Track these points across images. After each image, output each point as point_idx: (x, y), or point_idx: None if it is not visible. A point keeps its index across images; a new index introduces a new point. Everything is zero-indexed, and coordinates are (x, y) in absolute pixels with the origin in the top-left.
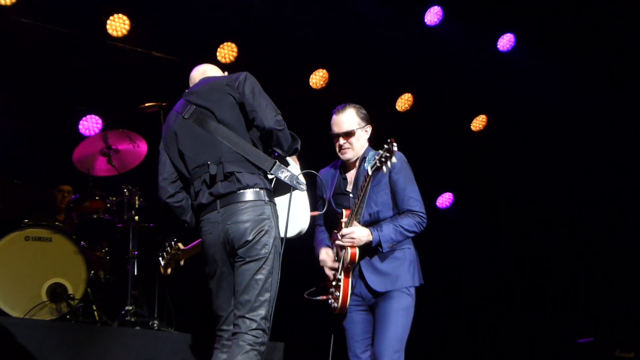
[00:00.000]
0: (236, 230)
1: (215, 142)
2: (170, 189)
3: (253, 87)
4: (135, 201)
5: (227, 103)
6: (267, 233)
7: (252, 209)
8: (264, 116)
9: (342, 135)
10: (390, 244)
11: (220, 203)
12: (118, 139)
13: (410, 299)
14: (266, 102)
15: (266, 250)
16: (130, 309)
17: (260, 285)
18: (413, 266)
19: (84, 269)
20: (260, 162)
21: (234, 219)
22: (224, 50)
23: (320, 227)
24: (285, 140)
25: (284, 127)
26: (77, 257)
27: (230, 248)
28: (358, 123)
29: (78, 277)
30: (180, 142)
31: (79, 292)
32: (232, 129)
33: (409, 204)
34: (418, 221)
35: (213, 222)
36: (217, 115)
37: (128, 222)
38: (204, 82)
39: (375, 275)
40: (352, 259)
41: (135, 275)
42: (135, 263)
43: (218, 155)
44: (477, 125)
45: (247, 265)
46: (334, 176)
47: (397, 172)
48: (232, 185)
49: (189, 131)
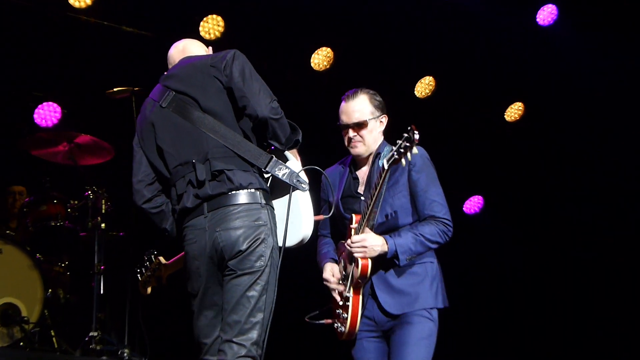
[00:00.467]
0: (227, 239)
1: (200, 135)
2: (146, 192)
3: (243, 68)
4: (101, 205)
5: (213, 88)
6: (264, 242)
7: (245, 214)
8: (257, 103)
9: (352, 127)
10: (408, 255)
11: (208, 206)
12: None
13: (432, 324)
14: (259, 86)
15: (262, 262)
16: (95, 334)
17: (252, 304)
18: (436, 284)
19: (39, 286)
20: (253, 158)
21: (225, 225)
22: (208, 24)
23: (325, 238)
24: (282, 131)
25: (281, 116)
26: (31, 272)
27: (218, 259)
28: (371, 112)
29: (33, 296)
30: (159, 136)
31: (34, 314)
32: (220, 118)
33: (431, 208)
34: (442, 230)
35: (199, 228)
36: (201, 103)
37: (93, 231)
38: (184, 63)
39: (389, 295)
40: (363, 272)
41: (102, 295)
42: (102, 280)
43: (204, 151)
44: (512, 114)
45: (239, 279)
46: (342, 175)
47: (418, 170)
48: (222, 185)
49: (169, 123)
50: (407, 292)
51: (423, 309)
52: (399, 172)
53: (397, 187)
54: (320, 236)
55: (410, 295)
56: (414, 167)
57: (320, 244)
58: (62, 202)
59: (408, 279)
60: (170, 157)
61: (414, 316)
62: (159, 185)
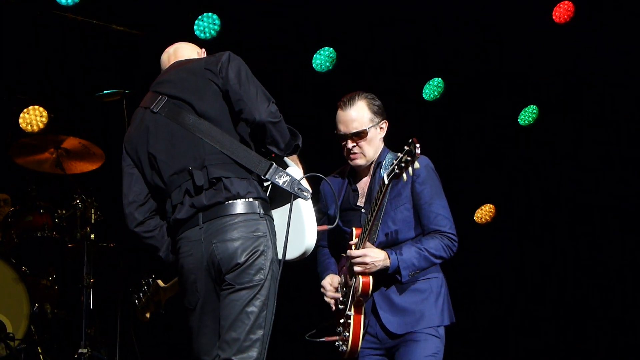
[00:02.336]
0: (224, 251)
1: (195, 141)
2: (138, 215)
3: (239, 70)
4: (90, 215)
5: (208, 91)
6: (263, 254)
7: (243, 224)
8: (254, 107)
9: (350, 137)
10: (411, 271)
11: (204, 217)
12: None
13: (439, 342)
14: (256, 88)
15: (261, 275)
16: (84, 351)
17: (252, 320)
18: (441, 300)
19: (25, 301)
20: (252, 165)
21: (222, 237)
22: (203, 23)
23: (324, 249)
24: (281, 135)
25: (280, 120)
26: (17, 286)
27: (216, 273)
28: (370, 119)
29: (18, 311)
30: (151, 144)
31: (20, 330)
32: (216, 123)
33: (436, 222)
34: (447, 244)
35: (194, 240)
36: (196, 107)
37: (82, 242)
38: (176, 67)
39: (392, 314)
40: (364, 290)
41: (91, 310)
42: (91, 293)
43: (200, 157)
44: (526, 118)
45: (237, 294)
46: (341, 187)
47: (422, 182)
48: (219, 194)
49: (162, 129)
50: (411, 311)
51: (429, 327)
52: (402, 184)
53: (400, 199)
54: (319, 247)
55: (415, 313)
56: (418, 179)
57: (321, 255)
58: (49, 211)
59: (412, 297)
60: (165, 165)
61: (420, 334)
62: (152, 205)
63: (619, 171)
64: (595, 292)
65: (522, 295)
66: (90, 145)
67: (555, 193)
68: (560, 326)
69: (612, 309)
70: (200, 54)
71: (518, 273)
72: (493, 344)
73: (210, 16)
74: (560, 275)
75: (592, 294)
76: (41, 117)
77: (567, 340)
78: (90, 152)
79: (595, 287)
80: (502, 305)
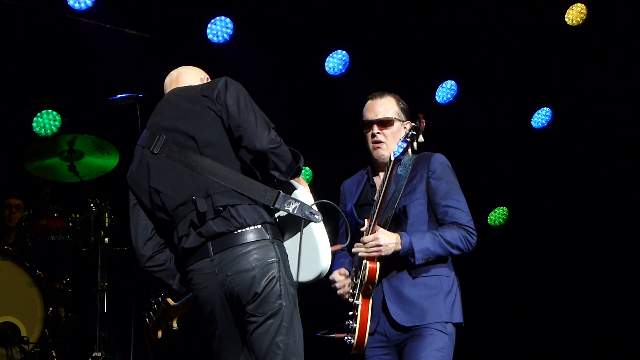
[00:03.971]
0: (241, 283)
1: (199, 175)
2: (146, 252)
3: (237, 97)
4: (104, 219)
5: (207, 118)
6: (279, 280)
7: (256, 253)
8: (254, 135)
9: (376, 123)
10: (425, 255)
11: (214, 247)
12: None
13: (447, 338)
14: (255, 115)
15: (281, 301)
16: (98, 355)
17: (283, 349)
18: (451, 298)
19: (40, 305)
20: (259, 197)
21: (236, 268)
22: (216, 27)
23: (341, 252)
24: (283, 160)
25: (280, 144)
26: (31, 290)
27: (235, 304)
28: (397, 113)
29: (33, 315)
30: (153, 179)
31: (34, 333)
32: (218, 152)
33: (452, 216)
34: (464, 235)
35: (207, 273)
36: (196, 137)
37: (96, 246)
38: (173, 94)
39: (399, 306)
40: (371, 275)
41: (105, 313)
42: (105, 297)
43: (205, 187)
44: (540, 120)
45: (263, 326)
46: (360, 183)
47: (438, 177)
48: (227, 223)
49: (163, 165)
50: (419, 305)
51: (436, 322)
52: (417, 179)
53: (414, 194)
54: None
55: (422, 307)
56: (433, 174)
57: (336, 257)
58: (63, 215)
59: (421, 291)
60: (168, 199)
61: (427, 329)
62: (159, 239)
63: (634, 173)
64: (609, 295)
65: (536, 299)
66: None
67: (569, 196)
68: (574, 330)
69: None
70: (203, 79)
71: (532, 276)
72: (505, 348)
73: (223, 20)
74: (575, 279)
75: (607, 297)
76: (54, 121)
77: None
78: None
79: (609, 291)
80: (516, 309)
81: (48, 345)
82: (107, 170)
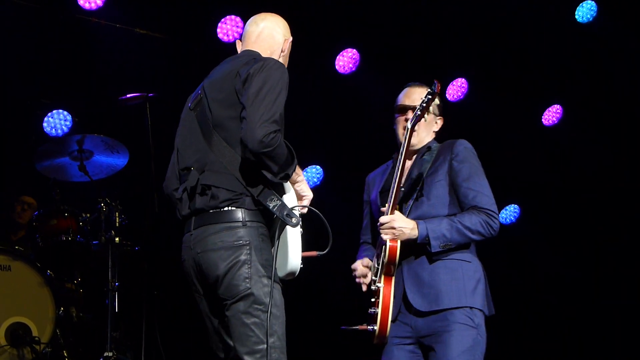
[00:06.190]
0: (207, 261)
1: (206, 147)
2: (173, 183)
3: (261, 86)
4: (115, 218)
5: (229, 100)
6: (245, 263)
7: (224, 233)
8: (250, 131)
9: (410, 109)
10: (442, 242)
11: (195, 222)
12: (92, 143)
13: (475, 332)
14: (264, 110)
15: (248, 284)
16: (110, 355)
17: (256, 331)
18: (472, 283)
19: (51, 305)
20: (248, 183)
21: (204, 247)
22: (226, 26)
23: (366, 245)
24: (274, 163)
25: (274, 148)
26: (42, 290)
27: (206, 283)
28: (432, 106)
29: (44, 315)
30: (178, 134)
31: (45, 333)
32: (227, 135)
33: (474, 199)
34: (484, 219)
35: (187, 246)
36: (213, 114)
37: (106, 245)
38: (228, 59)
39: (417, 290)
40: (392, 255)
41: (116, 313)
42: (116, 297)
43: (204, 161)
44: (550, 118)
45: (233, 308)
46: (384, 172)
47: (461, 160)
48: (207, 201)
49: (188, 124)
50: (436, 287)
51: (458, 309)
52: (440, 162)
53: (436, 175)
54: (361, 243)
55: (439, 290)
56: (456, 157)
57: (360, 250)
58: (74, 215)
59: (440, 275)
60: (181, 158)
61: (453, 324)
62: None
63: None
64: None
65: (548, 297)
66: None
67: (580, 193)
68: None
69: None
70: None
71: (543, 274)
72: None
73: (234, 19)
74: (586, 276)
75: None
76: (65, 121)
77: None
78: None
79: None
80: (527, 307)
81: (59, 346)
82: (117, 169)
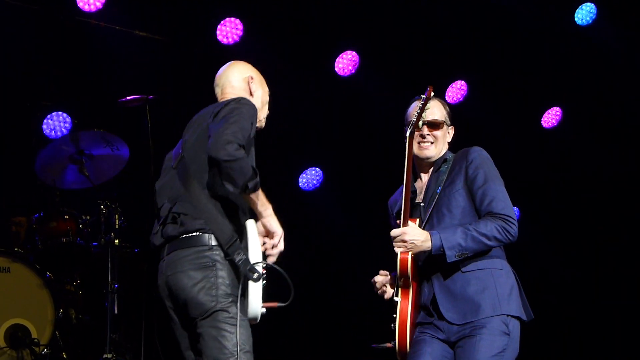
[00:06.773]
0: (175, 284)
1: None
2: None
3: (230, 113)
4: (114, 220)
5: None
6: (213, 284)
7: (193, 256)
8: (215, 142)
9: (427, 125)
10: (457, 251)
11: (167, 249)
12: (92, 142)
13: (507, 338)
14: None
15: (214, 301)
16: (109, 357)
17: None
18: (507, 290)
19: (50, 307)
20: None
21: (173, 269)
22: (225, 28)
23: None
24: (238, 175)
25: (238, 159)
26: (41, 292)
27: (177, 304)
28: (445, 117)
29: (43, 317)
30: (158, 181)
31: (44, 335)
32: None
33: (489, 204)
34: (501, 225)
35: (160, 272)
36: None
37: (106, 247)
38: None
39: (451, 303)
40: (403, 267)
41: (116, 315)
42: (116, 299)
43: (177, 195)
44: (549, 120)
45: (201, 325)
46: (402, 192)
47: (476, 167)
48: (177, 228)
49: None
50: (471, 300)
51: (493, 317)
52: (456, 171)
53: (454, 186)
54: None
55: (474, 302)
56: (471, 164)
57: None
58: (73, 217)
59: (472, 286)
60: (159, 198)
61: (483, 328)
62: None
63: None
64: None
65: (548, 297)
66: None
67: (580, 194)
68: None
69: None
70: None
71: (543, 274)
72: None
73: (233, 21)
74: (587, 278)
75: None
76: (65, 123)
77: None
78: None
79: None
80: None
81: (58, 347)
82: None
